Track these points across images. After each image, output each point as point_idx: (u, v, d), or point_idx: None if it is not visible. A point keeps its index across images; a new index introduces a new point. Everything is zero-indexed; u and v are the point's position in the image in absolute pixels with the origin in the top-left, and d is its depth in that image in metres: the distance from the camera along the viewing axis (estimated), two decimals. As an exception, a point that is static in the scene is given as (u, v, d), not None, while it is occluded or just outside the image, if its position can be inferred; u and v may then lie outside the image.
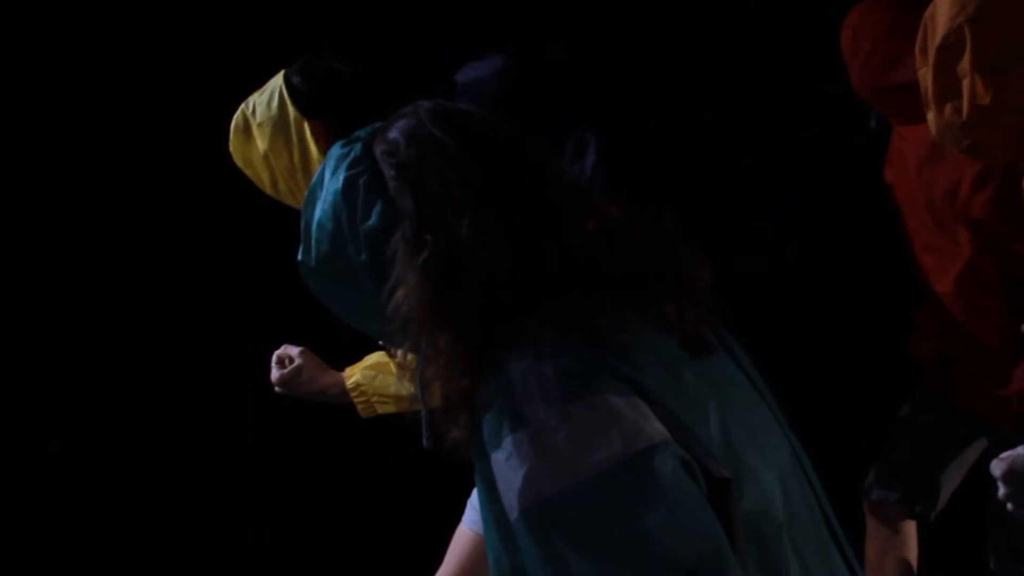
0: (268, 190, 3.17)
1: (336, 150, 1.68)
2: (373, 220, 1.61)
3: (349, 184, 1.63)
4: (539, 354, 1.51)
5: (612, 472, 1.44)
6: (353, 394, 2.97)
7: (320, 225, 1.66)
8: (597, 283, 1.58)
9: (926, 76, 2.17)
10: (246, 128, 3.11)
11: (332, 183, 1.65)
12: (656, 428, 1.47)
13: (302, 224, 1.70)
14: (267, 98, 3.09)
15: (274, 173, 3.10)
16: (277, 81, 3.10)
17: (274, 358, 3.06)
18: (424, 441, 1.64)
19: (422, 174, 1.60)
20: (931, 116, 2.11)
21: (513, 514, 1.48)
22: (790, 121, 4.42)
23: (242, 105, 3.13)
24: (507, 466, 1.47)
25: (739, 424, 1.57)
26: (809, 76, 4.26)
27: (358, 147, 1.66)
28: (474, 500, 3.38)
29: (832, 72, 3.57)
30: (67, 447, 4.77)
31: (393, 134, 1.65)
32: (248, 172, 3.16)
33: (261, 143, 3.08)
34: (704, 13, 4.50)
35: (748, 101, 4.46)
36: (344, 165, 1.65)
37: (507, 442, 1.48)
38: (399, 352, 1.66)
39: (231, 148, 3.14)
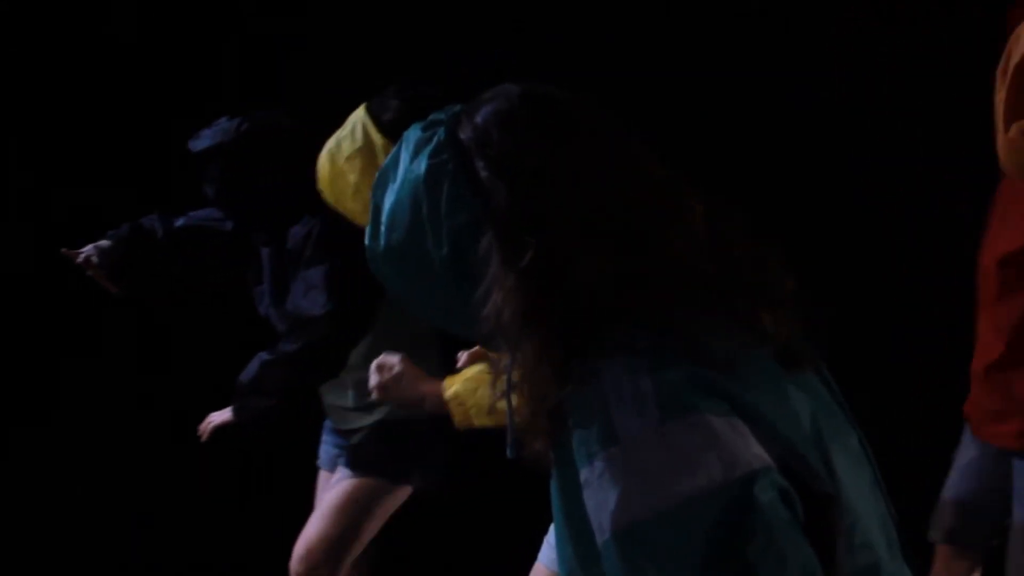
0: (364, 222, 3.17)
1: (415, 133, 1.56)
2: (460, 216, 1.50)
3: (432, 173, 1.51)
4: (636, 366, 1.43)
5: (709, 498, 1.37)
6: (451, 404, 2.95)
7: (394, 212, 1.54)
8: (700, 292, 1.50)
9: (1000, 98, 2.12)
10: (332, 167, 3.10)
11: (412, 169, 1.53)
12: (756, 453, 1.40)
13: (372, 207, 1.59)
14: (350, 131, 3.10)
15: (367, 203, 3.10)
16: (359, 114, 3.12)
17: (373, 365, 3.06)
18: (508, 451, 1.55)
19: (519, 168, 1.49)
20: (999, 140, 2.05)
21: (604, 535, 1.41)
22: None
23: (325, 147, 3.13)
24: (598, 485, 1.40)
25: (833, 441, 1.51)
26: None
27: (441, 132, 1.53)
28: (551, 538, 3.32)
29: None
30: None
31: (482, 120, 1.53)
32: (342, 209, 3.14)
33: (351, 176, 3.07)
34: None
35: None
36: (426, 152, 1.53)
37: (599, 459, 1.41)
38: (497, 357, 1.55)
39: (322, 190, 3.15)
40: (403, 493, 3.75)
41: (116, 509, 4.82)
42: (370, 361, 3.43)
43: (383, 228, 1.56)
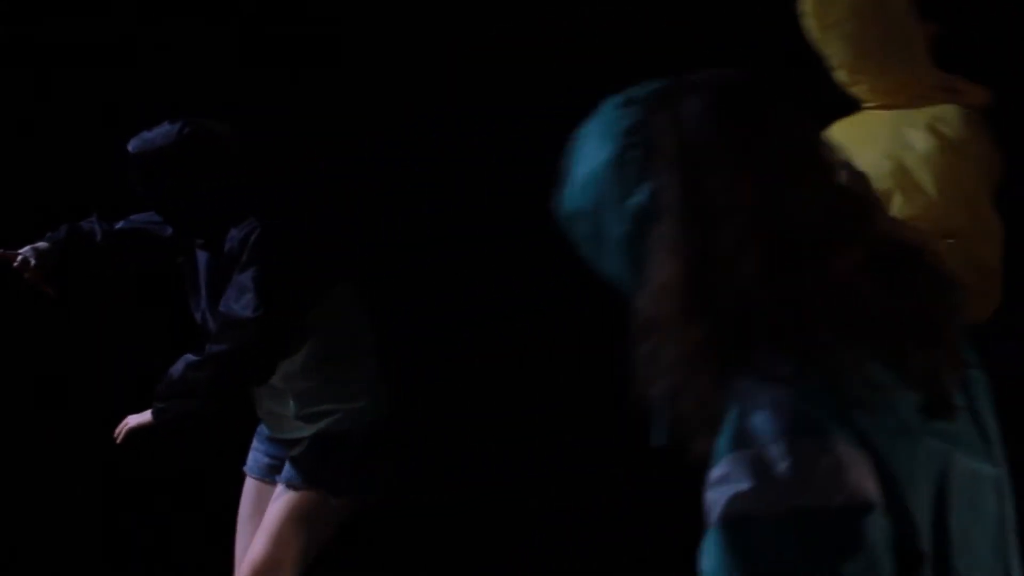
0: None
1: (612, 108, 1.59)
2: (640, 198, 1.53)
3: (621, 154, 1.54)
4: (776, 381, 1.46)
5: (822, 515, 1.41)
6: None
7: (584, 184, 1.58)
8: (853, 323, 1.49)
9: None
10: None
11: (603, 146, 1.56)
12: (874, 490, 1.43)
13: (563, 164, 1.62)
14: None
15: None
16: None
17: None
18: (652, 438, 1.57)
19: (703, 161, 1.50)
20: None
21: (711, 524, 1.44)
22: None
23: None
24: (720, 482, 1.44)
25: (961, 500, 1.52)
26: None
27: (636, 111, 1.56)
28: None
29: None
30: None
31: (681, 105, 1.53)
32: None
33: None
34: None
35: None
36: (619, 130, 1.55)
37: (727, 458, 1.44)
38: (641, 347, 1.55)
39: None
40: (345, 507, 3.70)
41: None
42: (311, 370, 3.59)
43: (576, 192, 1.59)
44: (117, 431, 3.62)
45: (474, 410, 4.79)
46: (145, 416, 3.58)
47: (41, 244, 3.74)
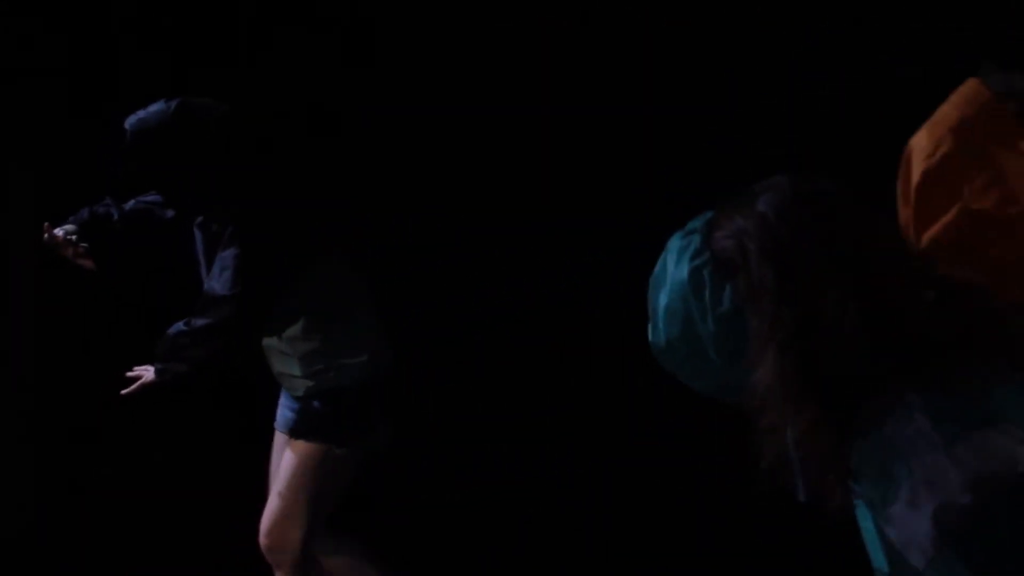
0: None
1: (676, 242, 1.78)
2: (722, 306, 1.72)
3: (694, 275, 1.73)
4: (909, 411, 1.62)
5: (1006, 497, 1.56)
6: None
7: (668, 312, 1.76)
8: (948, 345, 1.67)
9: (906, 215, 2.16)
10: None
11: (677, 273, 1.75)
12: None
13: (649, 308, 1.80)
14: None
15: None
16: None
17: None
18: (800, 496, 1.74)
19: (789, 251, 1.69)
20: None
21: (928, 555, 1.58)
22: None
23: None
24: (908, 515, 1.59)
25: None
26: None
27: (697, 238, 1.75)
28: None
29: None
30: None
31: (758, 209, 1.72)
32: None
33: None
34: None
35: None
36: (686, 256, 1.75)
37: (902, 493, 1.59)
38: (762, 424, 1.73)
39: None
40: (349, 458, 3.87)
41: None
42: (311, 331, 3.75)
43: (661, 326, 1.78)
44: (130, 388, 3.79)
45: (471, 368, 4.89)
46: (150, 372, 3.76)
47: (67, 227, 3.86)
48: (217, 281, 3.61)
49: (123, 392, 3.76)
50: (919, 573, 1.61)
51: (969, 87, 2.03)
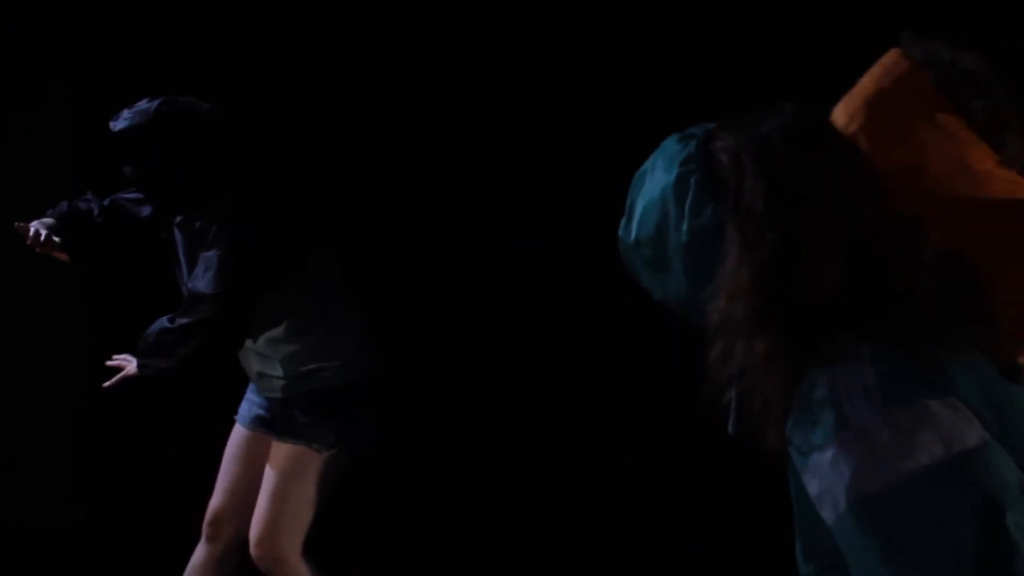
0: None
1: (671, 144, 1.75)
2: (700, 218, 1.68)
3: (681, 180, 1.70)
4: (858, 361, 1.58)
5: (933, 475, 1.51)
6: None
7: (645, 211, 1.74)
8: (920, 310, 1.64)
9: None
10: None
11: (664, 175, 1.72)
12: (973, 430, 1.54)
13: (628, 202, 1.78)
14: None
15: None
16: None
17: None
18: (729, 428, 1.72)
19: (785, 176, 1.65)
20: None
21: (839, 510, 1.55)
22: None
23: None
24: (830, 467, 1.55)
25: None
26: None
27: (693, 145, 1.72)
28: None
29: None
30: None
31: (762, 131, 1.69)
32: None
33: None
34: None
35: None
36: (678, 160, 1.72)
37: (831, 444, 1.56)
38: (714, 349, 1.70)
39: None
40: (336, 461, 3.87)
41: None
42: (294, 334, 3.76)
43: (635, 223, 1.75)
44: (112, 380, 3.81)
45: (458, 367, 4.89)
46: (133, 367, 3.78)
47: (46, 219, 3.88)
48: (201, 280, 3.62)
49: (104, 385, 3.79)
50: (826, 533, 1.58)
51: (889, 58, 1.99)
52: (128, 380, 3.76)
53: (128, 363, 3.79)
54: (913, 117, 1.91)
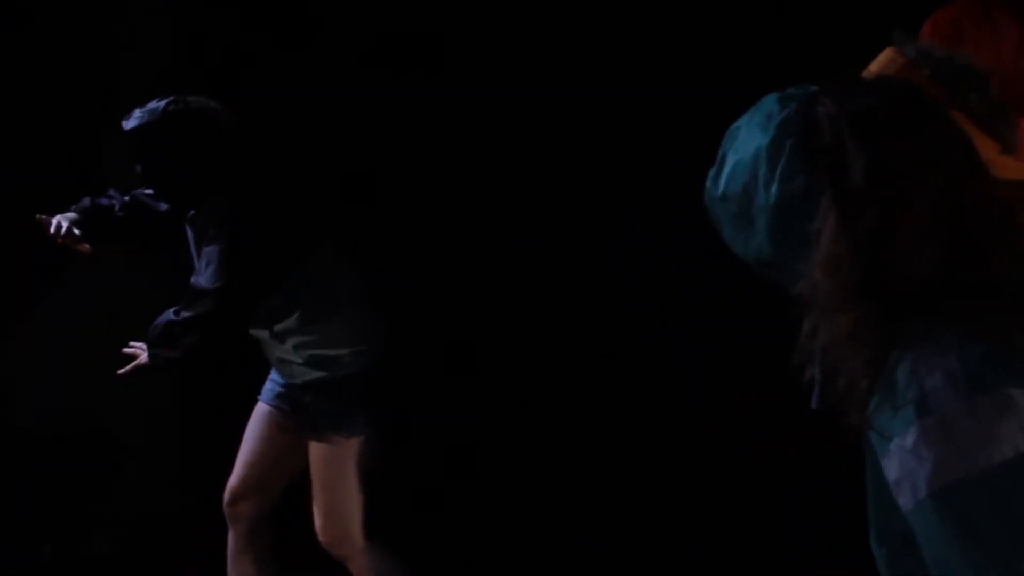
0: None
1: (771, 103, 1.71)
2: (791, 184, 1.65)
3: (776, 141, 1.66)
4: (943, 347, 1.56)
5: (1016, 464, 1.50)
6: None
7: (737, 167, 1.70)
8: (1013, 299, 1.61)
9: None
10: None
11: (760, 134, 1.68)
12: None
13: (720, 153, 1.75)
14: None
15: None
16: None
17: None
18: (813, 403, 1.69)
19: (889, 150, 1.61)
20: None
21: (918, 496, 1.53)
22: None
23: None
24: (911, 453, 1.54)
25: None
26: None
27: (792, 107, 1.69)
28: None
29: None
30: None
31: (864, 101, 1.66)
32: None
33: None
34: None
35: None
36: (776, 121, 1.68)
37: (912, 429, 1.54)
38: (804, 321, 1.66)
39: None
40: (366, 445, 3.98)
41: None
42: (306, 322, 3.87)
43: (724, 176, 1.72)
44: (125, 368, 3.94)
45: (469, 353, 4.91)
46: (144, 356, 3.92)
47: (69, 214, 3.99)
48: (202, 275, 3.75)
49: (119, 372, 3.91)
50: (901, 518, 1.57)
51: (884, 56, 2.01)
52: (141, 368, 3.89)
53: (142, 352, 3.91)
54: None
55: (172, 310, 3.80)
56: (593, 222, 4.79)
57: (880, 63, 2.02)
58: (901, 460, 1.55)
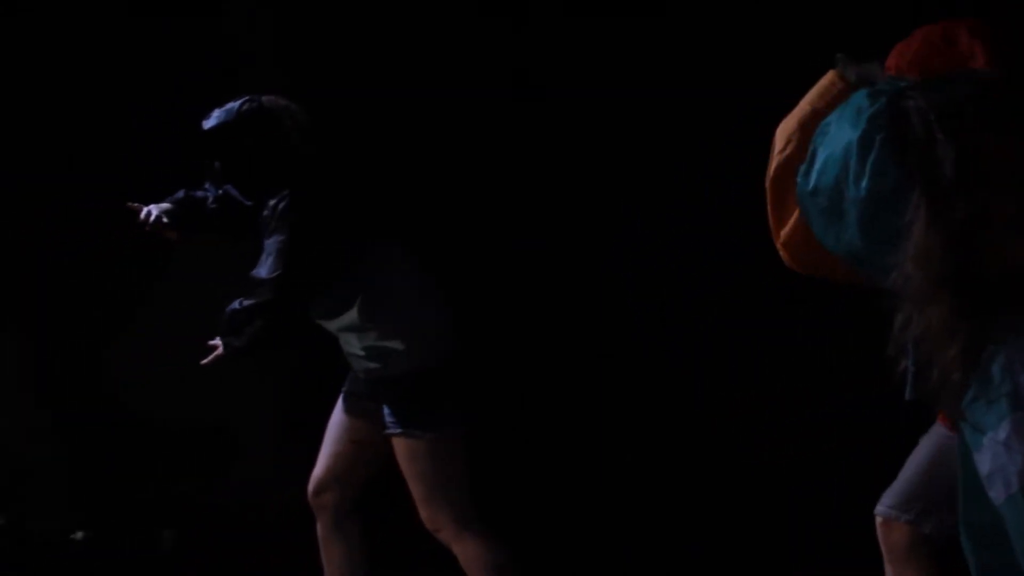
0: None
1: (861, 99, 1.72)
2: (883, 178, 1.65)
3: (866, 136, 1.67)
4: None
5: None
6: None
7: (827, 161, 1.72)
8: None
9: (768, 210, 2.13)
10: None
11: (850, 129, 1.69)
12: None
13: (810, 149, 1.76)
14: None
15: None
16: None
17: None
18: (907, 394, 1.70)
19: (978, 145, 1.61)
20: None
21: (1011, 489, 1.53)
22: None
23: None
24: (1004, 446, 1.54)
25: None
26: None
27: (883, 103, 1.69)
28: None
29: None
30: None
31: (953, 96, 1.66)
32: None
33: None
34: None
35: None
36: (866, 116, 1.69)
37: (1006, 423, 1.54)
38: (898, 316, 1.66)
39: None
40: (447, 440, 4.02)
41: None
42: (368, 318, 3.96)
43: (815, 171, 1.74)
44: (208, 359, 4.05)
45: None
46: (219, 346, 4.06)
47: (163, 204, 4.18)
48: (263, 266, 3.92)
49: (202, 362, 4.04)
50: (991, 511, 1.57)
51: (825, 79, 2.03)
52: (220, 358, 4.03)
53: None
54: None
55: (237, 301, 3.96)
56: (593, 222, 4.79)
57: (820, 87, 2.03)
58: (994, 454, 1.55)
